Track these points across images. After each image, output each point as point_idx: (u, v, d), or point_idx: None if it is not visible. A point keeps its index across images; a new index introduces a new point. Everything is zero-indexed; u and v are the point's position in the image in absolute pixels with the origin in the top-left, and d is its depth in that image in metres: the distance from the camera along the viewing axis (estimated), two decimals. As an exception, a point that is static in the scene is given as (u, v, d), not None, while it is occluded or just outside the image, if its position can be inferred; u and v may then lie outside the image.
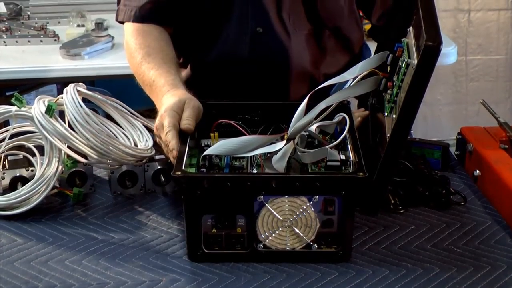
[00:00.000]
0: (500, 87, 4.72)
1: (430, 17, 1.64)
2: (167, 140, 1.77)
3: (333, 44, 2.13)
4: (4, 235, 1.80)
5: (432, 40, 1.56)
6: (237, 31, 2.08)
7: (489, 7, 4.67)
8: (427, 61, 1.58)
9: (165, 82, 1.97)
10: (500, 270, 1.67)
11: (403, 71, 1.71)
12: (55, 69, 3.19)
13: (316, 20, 2.08)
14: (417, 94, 1.62)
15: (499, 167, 1.99)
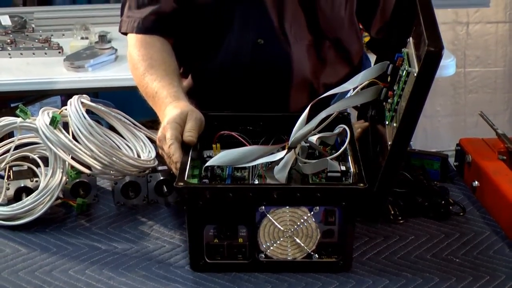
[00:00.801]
0: (498, 99, 4.73)
1: (431, 24, 1.65)
2: (170, 152, 1.77)
3: (333, 55, 2.13)
4: (8, 245, 1.80)
5: (433, 45, 1.56)
6: (238, 42, 2.08)
7: (487, 19, 4.68)
8: (429, 66, 1.58)
9: (167, 94, 1.97)
10: (499, 280, 1.67)
11: (404, 80, 1.71)
12: (59, 81, 3.19)
13: (316, 31, 2.08)
14: (418, 101, 1.63)
15: (498, 178, 1.99)
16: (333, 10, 2.07)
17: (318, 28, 2.08)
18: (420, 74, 1.60)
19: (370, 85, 1.87)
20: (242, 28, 2.08)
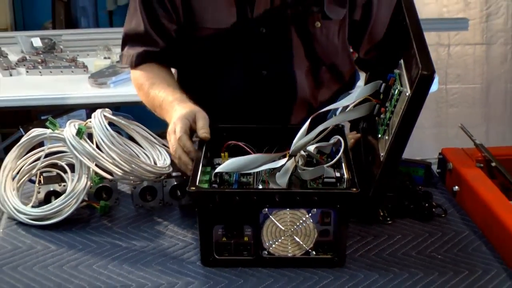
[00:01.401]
0: (476, 113, 4.73)
1: (423, 49, 1.65)
2: (181, 143, 1.80)
3: (328, 77, 2.13)
4: (39, 243, 1.80)
5: (426, 69, 1.57)
6: (241, 74, 2.08)
7: (466, 42, 4.68)
8: (422, 88, 1.59)
9: (173, 99, 1.98)
10: (476, 274, 1.67)
11: (396, 98, 1.72)
12: (84, 96, 3.20)
13: (314, 58, 2.08)
14: (411, 119, 1.64)
15: (476, 184, 1.99)
16: (328, 39, 2.07)
17: (315, 56, 2.08)
18: (414, 95, 1.61)
19: (364, 101, 1.87)
20: (245, 62, 2.07)
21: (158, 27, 2.09)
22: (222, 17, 2.03)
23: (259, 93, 2.10)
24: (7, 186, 1.92)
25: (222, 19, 2.03)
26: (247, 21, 2.03)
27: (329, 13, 2.03)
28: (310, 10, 2.02)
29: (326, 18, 2.04)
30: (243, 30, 2.04)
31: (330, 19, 2.04)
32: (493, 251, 1.77)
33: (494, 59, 4.74)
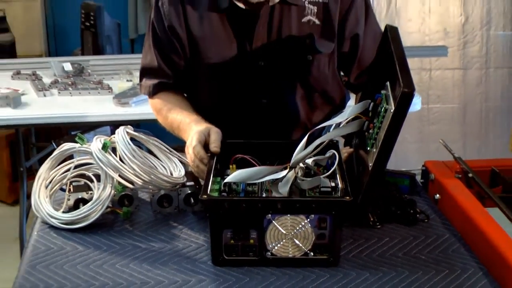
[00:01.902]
0: (454, 130, 4.73)
1: (405, 71, 1.66)
2: (195, 151, 1.82)
3: (321, 102, 2.12)
4: (69, 244, 1.80)
5: (407, 87, 1.58)
6: (245, 104, 2.07)
7: (446, 67, 4.69)
8: (403, 104, 1.60)
9: (190, 120, 1.99)
10: (456, 273, 1.67)
11: (382, 115, 1.73)
12: (109, 114, 3.20)
13: (307, 86, 2.07)
14: (394, 132, 1.65)
15: (455, 193, 1.99)
16: (319, 70, 2.06)
17: (308, 84, 2.07)
18: (396, 110, 1.62)
19: (355, 119, 1.87)
20: (247, 92, 2.06)
21: (169, 62, 2.08)
22: (224, 52, 2.02)
23: (260, 118, 2.09)
24: (41, 194, 1.92)
25: (224, 53, 2.02)
26: (246, 55, 2.02)
27: (319, 47, 2.03)
28: (302, 45, 2.01)
29: (316, 52, 2.03)
30: (243, 63, 2.03)
31: (320, 52, 2.04)
32: (470, 252, 1.77)
33: (470, 82, 4.74)
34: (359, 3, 2.04)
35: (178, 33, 2.03)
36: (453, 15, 4.68)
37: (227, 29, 2.00)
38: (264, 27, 1.99)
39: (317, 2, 1.99)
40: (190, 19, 2.02)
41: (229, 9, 1.97)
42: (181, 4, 2.01)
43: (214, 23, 2.00)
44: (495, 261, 1.69)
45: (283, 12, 1.99)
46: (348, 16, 2.02)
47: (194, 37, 2.03)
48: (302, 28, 2.00)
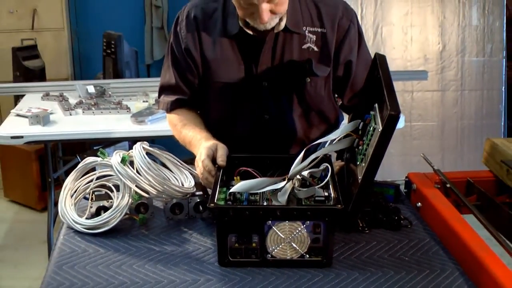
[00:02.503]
0: (434, 144, 4.72)
1: (392, 95, 1.67)
2: (204, 164, 1.83)
3: (317, 120, 2.12)
4: (91, 247, 1.79)
5: (394, 110, 1.58)
6: (249, 119, 2.07)
7: (426, 89, 4.69)
8: (390, 125, 1.61)
9: (201, 137, 1.99)
10: (435, 273, 1.67)
11: (371, 133, 1.73)
12: (127, 131, 3.20)
13: (305, 105, 2.07)
14: (382, 149, 1.65)
15: (435, 201, 1.98)
16: (315, 91, 2.06)
17: (306, 104, 2.07)
18: (384, 130, 1.62)
19: (347, 136, 1.87)
20: (252, 109, 2.07)
21: (185, 81, 2.09)
22: (233, 73, 2.03)
23: (263, 132, 2.09)
24: (66, 202, 1.92)
25: (233, 74, 2.03)
26: (252, 77, 2.02)
27: (316, 71, 2.03)
28: (302, 69, 2.02)
29: (314, 75, 2.03)
30: (249, 83, 2.03)
31: (317, 76, 2.04)
32: (448, 254, 1.76)
33: (448, 103, 4.75)
34: (353, 34, 2.04)
35: (193, 55, 2.04)
36: (432, 44, 4.69)
37: (236, 53, 2.01)
38: (268, 52, 2.00)
39: (316, 31, 2.00)
40: (204, 44, 2.03)
41: (239, 35, 1.98)
42: (196, 30, 2.03)
43: (225, 47, 2.01)
44: (470, 262, 1.69)
45: (286, 39, 2.00)
46: (343, 44, 2.03)
47: (207, 59, 2.04)
48: (302, 54, 2.01)
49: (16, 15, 4.48)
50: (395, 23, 4.64)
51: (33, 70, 4.21)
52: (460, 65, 4.73)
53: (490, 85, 4.76)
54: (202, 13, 2.03)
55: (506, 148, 2.19)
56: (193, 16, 2.03)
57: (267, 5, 1.82)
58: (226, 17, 2.00)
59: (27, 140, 3.15)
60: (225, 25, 2.00)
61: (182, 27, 2.05)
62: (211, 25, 2.02)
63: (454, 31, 4.69)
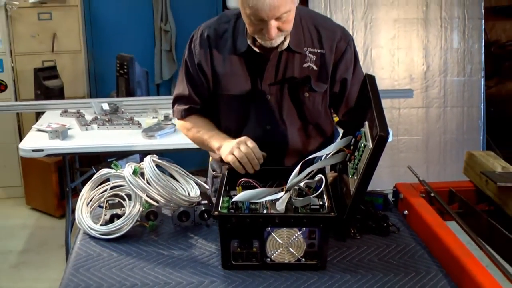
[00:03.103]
0: (419, 157, 4.72)
1: (381, 115, 1.68)
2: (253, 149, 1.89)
3: (315, 133, 2.13)
4: (105, 251, 1.79)
5: (383, 132, 1.60)
6: (253, 128, 2.07)
7: (411, 106, 4.69)
8: (380, 144, 1.63)
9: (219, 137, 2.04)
10: (421, 275, 1.67)
11: (362, 149, 1.74)
12: (138, 145, 3.20)
13: (304, 119, 2.08)
14: (372, 166, 1.67)
15: (420, 209, 1.98)
16: (314, 106, 2.07)
17: (304, 117, 2.08)
18: (374, 149, 1.64)
19: (340, 151, 1.88)
20: (256, 120, 2.08)
21: (197, 92, 2.11)
22: (240, 86, 2.04)
23: (264, 141, 2.09)
24: (83, 210, 1.92)
25: (240, 88, 2.04)
26: (257, 90, 2.04)
27: (315, 87, 2.04)
28: (301, 85, 2.03)
29: (312, 91, 2.04)
30: (254, 96, 2.05)
31: (315, 91, 2.05)
32: (432, 258, 1.76)
33: (431, 118, 4.75)
34: (349, 55, 2.06)
35: (205, 70, 2.07)
36: (417, 65, 4.69)
37: (244, 68, 2.03)
38: (272, 69, 2.02)
39: (316, 52, 2.02)
40: (215, 60, 2.05)
41: (246, 53, 2.01)
42: (209, 48, 2.05)
43: (234, 63, 2.03)
44: (453, 265, 1.68)
45: (289, 58, 2.01)
46: (340, 64, 2.04)
47: (218, 73, 2.06)
48: (303, 72, 2.02)
49: (38, 39, 4.50)
50: (383, 46, 4.65)
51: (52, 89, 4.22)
52: (442, 84, 4.73)
53: (470, 102, 4.76)
54: (214, 33, 2.05)
55: (485, 160, 2.19)
56: (206, 35, 2.06)
57: (275, 22, 1.84)
58: (235, 37, 2.03)
59: (47, 153, 3.15)
60: (234, 44, 2.02)
61: (196, 45, 2.07)
62: (222, 44, 2.04)
63: (437, 53, 4.70)
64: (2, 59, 4.46)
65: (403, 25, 4.66)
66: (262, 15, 1.81)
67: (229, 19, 2.06)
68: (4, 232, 4.17)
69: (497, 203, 2.02)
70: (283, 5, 1.80)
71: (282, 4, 1.80)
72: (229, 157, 1.91)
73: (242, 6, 1.85)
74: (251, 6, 1.80)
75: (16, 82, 4.54)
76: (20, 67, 4.52)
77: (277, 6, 1.79)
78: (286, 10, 1.83)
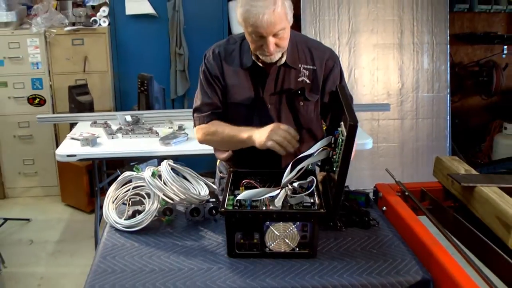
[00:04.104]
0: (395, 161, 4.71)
1: (350, 109, 1.68)
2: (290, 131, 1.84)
3: (307, 137, 2.11)
4: (128, 242, 1.79)
5: (352, 121, 1.59)
6: None
7: (389, 118, 4.68)
8: (351, 132, 1.61)
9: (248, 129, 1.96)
10: (397, 261, 1.67)
11: (340, 144, 1.72)
12: (156, 151, 3.20)
13: (298, 125, 2.07)
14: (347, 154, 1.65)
15: (396, 206, 1.98)
16: (307, 113, 2.06)
17: (299, 123, 2.07)
18: (347, 137, 1.62)
19: (323, 150, 1.87)
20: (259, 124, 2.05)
21: (217, 98, 2.08)
22: (245, 96, 2.05)
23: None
24: (109, 207, 1.91)
25: (245, 97, 2.05)
26: (260, 99, 2.04)
27: (308, 97, 2.04)
28: (297, 95, 2.04)
29: (306, 100, 2.05)
30: (257, 104, 2.05)
31: (309, 101, 2.05)
32: (407, 247, 1.76)
33: (406, 128, 4.74)
34: (336, 71, 2.07)
35: (220, 80, 2.06)
36: (393, 83, 4.69)
37: (249, 80, 2.04)
38: (272, 81, 2.02)
39: (308, 68, 2.03)
40: (226, 72, 2.05)
41: (251, 68, 2.02)
42: (220, 62, 2.06)
43: (241, 76, 2.04)
44: (424, 253, 1.68)
45: (286, 72, 2.02)
46: (328, 78, 2.05)
47: (228, 84, 2.06)
48: (298, 84, 2.03)
49: (72, 61, 4.49)
50: (365, 67, 4.65)
51: (84, 103, 4.21)
52: (415, 99, 4.72)
53: (438, 114, 4.76)
54: (224, 51, 2.07)
55: (451, 164, 2.19)
56: (218, 52, 2.07)
57: (273, 38, 1.86)
58: (242, 54, 2.04)
59: (79, 158, 3.14)
60: (241, 60, 2.03)
61: (209, 60, 2.08)
62: (231, 60, 2.05)
63: (410, 73, 4.70)
64: (42, 78, 4.47)
65: (381, 49, 4.66)
66: (261, 31, 1.83)
67: (236, 41, 2.08)
68: (43, 225, 4.17)
69: (461, 201, 2.01)
70: (278, 23, 1.82)
71: (278, 22, 1.82)
72: (269, 143, 1.85)
73: (245, 25, 1.86)
74: (252, 23, 1.82)
75: (54, 98, 4.54)
76: (57, 85, 4.51)
77: (273, 23, 1.81)
78: (282, 27, 1.84)
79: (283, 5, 1.83)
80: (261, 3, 1.80)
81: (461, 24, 5.16)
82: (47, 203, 4.60)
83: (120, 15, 4.56)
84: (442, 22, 4.68)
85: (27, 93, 4.46)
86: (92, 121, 3.70)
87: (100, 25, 4.53)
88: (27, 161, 4.61)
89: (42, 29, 4.36)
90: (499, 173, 4.37)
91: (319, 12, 4.56)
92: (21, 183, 4.66)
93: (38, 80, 4.47)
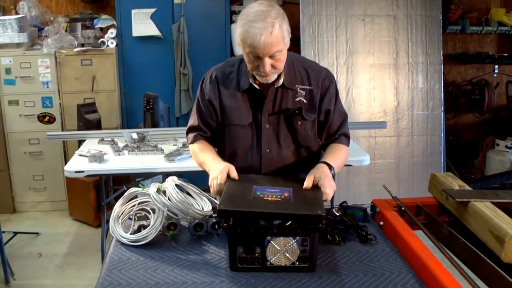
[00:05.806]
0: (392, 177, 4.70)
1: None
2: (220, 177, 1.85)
3: (305, 154, 2.12)
4: (133, 255, 1.78)
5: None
6: (254, 152, 2.07)
7: (385, 135, 4.69)
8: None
9: (213, 159, 2.00)
10: (394, 275, 1.66)
11: None
12: (161, 167, 3.20)
13: (297, 143, 2.07)
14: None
15: (393, 221, 1.97)
16: (305, 131, 2.07)
17: (297, 141, 2.08)
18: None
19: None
20: (257, 144, 2.07)
21: (205, 123, 2.10)
22: (243, 118, 2.04)
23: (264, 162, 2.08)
24: (116, 221, 1.91)
25: (243, 119, 2.04)
26: (258, 120, 2.04)
27: (306, 116, 2.04)
28: (294, 115, 2.04)
29: (304, 119, 2.05)
30: (255, 125, 2.05)
31: (306, 120, 2.05)
32: (403, 260, 1.75)
33: (402, 145, 4.74)
34: (332, 91, 2.07)
35: (214, 104, 2.06)
36: (389, 101, 4.70)
37: (246, 102, 2.04)
38: (270, 102, 2.02)
39: (305, 88, 2.03)
40: (223, 95, 2.05)
41: (248, 90, 2.01)
42: (217, 85, 2.06)
43: (238, 99, 2.04)
44: (420, 266, 1.67)
45: (283, 93, 2.02)
46: (324, 97, 2.05)
47: (225, 107, 2.06)
48: (295, 104, 2.03)
49: (80, 80, 4.51)
50: (362, 86, 4.66)
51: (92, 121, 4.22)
52: (410, 117, 4.73)
53: (433, 132, 4.76)
54: (222, 74, 2.06)
55: (445, 180, 2.18)
56: (215, 76, 2.07)
57: (269, 59, 1.86)
58: (239, 77, 2.04)
59: (87, 174, 3.14)
60: (238, 83, 2.03)
61: (206, 84, 2.08)
62: (228, 83, 2.05)
63: (405, 92, 4.71)
64: (51, 96, 4.49)
65: (378, 69, 4.68)
66: (258, 52, 1.83)
67: (234, 63, 2.07)
68: (51, 238, 4.16)
69: (456, 215, 2.01)
70: (275, 44, 1.82)
71: (275, 44, 1.82)
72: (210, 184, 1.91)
73: (243, 45, 1.86)
74: (249, 44, 1.82)
75: (63, 116, 4.55)
76: (66, 103, 4.53)
77: (270, 44, 1.81)
78: (278, 49, 1.85)
79: (280, 28, 1.84)
80: (259, 24, 1.80)
81: (453, 44, 5.20)
82: (55, 217, 4.59)
83: (127, 36, 4.59)
84: (436, 43, 4.71)
85: (37, 111, 4.48)
86: (99, 138, 3.71)
87: (108, 46, 4.56)
88: (36, 176, 4.61)
89: (52, 50, 4.40)
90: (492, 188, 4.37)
91: (318, 34, 4.59)
92: (30, 198, 4.66)
93: (48, 99, 4.49)
